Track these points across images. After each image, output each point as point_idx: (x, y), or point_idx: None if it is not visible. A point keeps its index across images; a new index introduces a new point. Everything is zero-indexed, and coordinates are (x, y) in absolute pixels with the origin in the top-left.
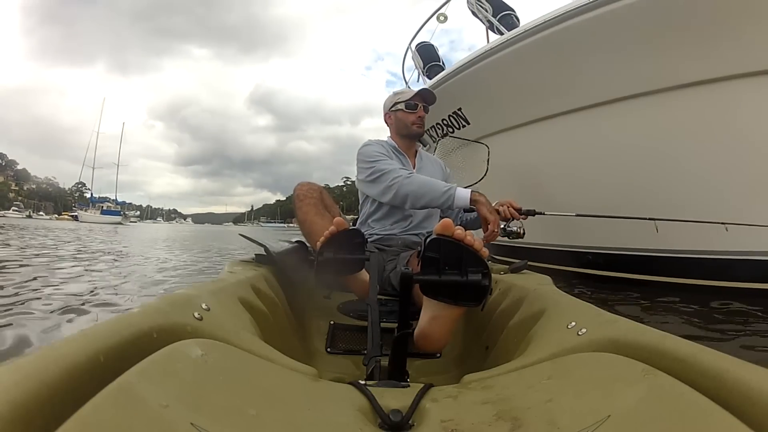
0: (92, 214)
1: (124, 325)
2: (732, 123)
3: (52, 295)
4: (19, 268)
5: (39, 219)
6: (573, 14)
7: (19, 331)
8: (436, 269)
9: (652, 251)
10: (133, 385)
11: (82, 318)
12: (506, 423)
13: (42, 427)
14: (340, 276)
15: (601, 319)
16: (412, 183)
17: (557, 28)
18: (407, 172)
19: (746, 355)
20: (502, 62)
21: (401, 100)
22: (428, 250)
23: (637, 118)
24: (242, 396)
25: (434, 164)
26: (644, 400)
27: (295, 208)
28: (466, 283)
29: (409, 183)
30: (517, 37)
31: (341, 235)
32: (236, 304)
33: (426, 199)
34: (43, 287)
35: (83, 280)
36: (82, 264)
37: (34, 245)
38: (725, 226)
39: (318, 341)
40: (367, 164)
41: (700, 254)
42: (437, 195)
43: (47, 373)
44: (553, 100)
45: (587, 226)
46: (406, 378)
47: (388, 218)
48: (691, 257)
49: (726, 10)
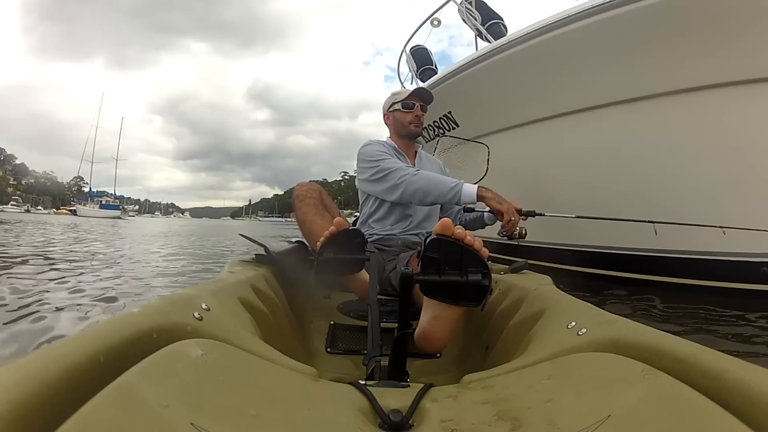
0: (91, 208)
1: (124, 325)
2: (730, 128)
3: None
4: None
5: (37, 213)
6: (561, 24)
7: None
8: (436, 269)
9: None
10: (133, 385)
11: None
12: (506, 423)
13: (42, 427)
14: (340, 276)
15: (601, 319)
16: (419, 180)
17: (544, 37)
18: (413, 169)
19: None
20: (490, 69)
21: (398, 100)
22: (428, 250)
23: (608, 126)
24: (242, 396)
25: (433, 164)
26: (644, 400)
27: (294, 208)
28: (466, 283)
29: (417, 180)
30: (504, 46)
31: (341, 235)
32: (236, 304)
33: (434, 195)
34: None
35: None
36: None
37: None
38: (723, 230)
39: (318, 341)
40: (370, 163)
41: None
42: (445, 191)
43: (47, 373)
44: (538, 106)
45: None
46: (406, 378)
47: (389, 218)
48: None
49: (721, 18)
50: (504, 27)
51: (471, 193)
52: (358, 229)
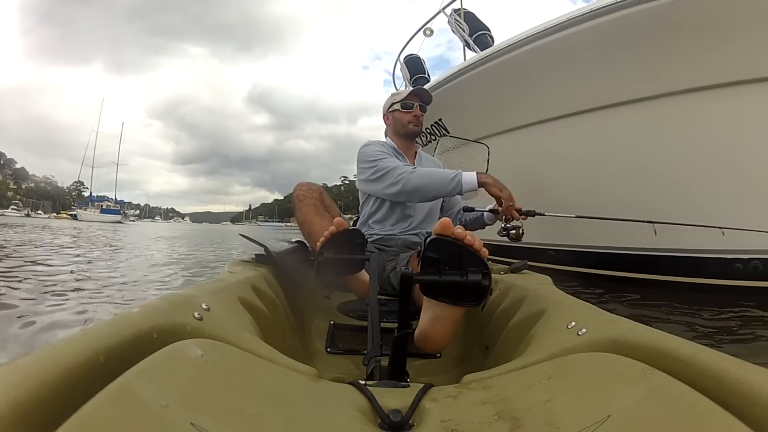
0: (92, 213)
1: (124, 325)
2: (728, 128)
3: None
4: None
5: (37, 218)
6: (544, 34)
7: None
8: (436, 269)
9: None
10: (133, 385)
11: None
12: (506, 423)
13: (42, 427)
14: (340, 276)
15: (601, 319)
16: (418, 176)
17: (529, 46)
18: (411, 167)
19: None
20: (477, 78)
21: (397, 100)
22: (428, 250)
23: (592, 130)
24: (242, 396)
25: (433, 164)
26: (644, 400)
27: (294, 208)
28: (466, 284)
29: (416, 176)
30: (490, 57)
31: (341, 236)
32: (236, 304)
33: (435, 188)
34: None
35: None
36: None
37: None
38: (722, 231)
39: (318, 341)
40: (369, 163)
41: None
42: (445, 182)
43: (47, 373)
44: (523, 112)
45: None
46: (406, 378)
47: (389, 219)
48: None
49: (716, 21)
50: (491, 38)
51: (471, 179)
52: (359, 229)
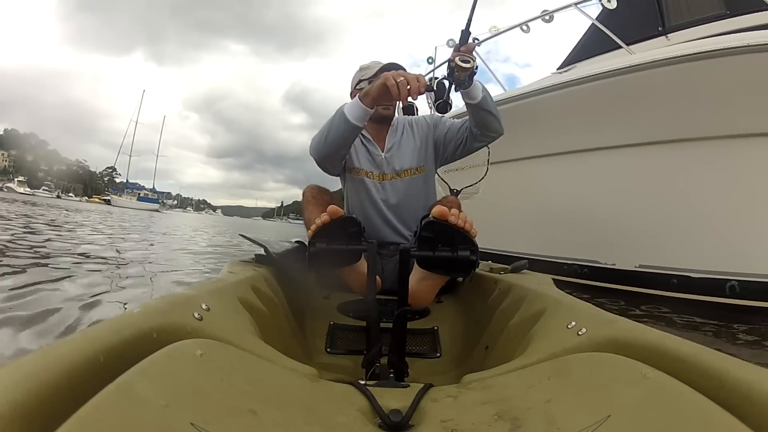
0: (127, 199)
1: (124, 325)
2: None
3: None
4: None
5: (69, 200)
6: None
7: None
8: (431, 247)
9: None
10: (133, 385)
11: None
12: (506, 423)
13: (42, 427)
14: (334, 268)
15: (601, 319)
16: (313, 138)
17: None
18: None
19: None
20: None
21: (366, 77)
22: (424, 230)
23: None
24: (242, 396)
25: (414, 130)
26: (644, 400)
27: (302, 209)
28: (456, 258)
29: (315, 136)
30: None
31: (335, 224)
32: (236, 304)
33: (325, 131)
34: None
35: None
36: None
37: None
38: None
39: (318, 341)
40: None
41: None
42: (334, 123)
43: (47, 373)
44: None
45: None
46: (406, 378)
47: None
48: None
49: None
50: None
51: (354, 104)
52: (354, 216)
